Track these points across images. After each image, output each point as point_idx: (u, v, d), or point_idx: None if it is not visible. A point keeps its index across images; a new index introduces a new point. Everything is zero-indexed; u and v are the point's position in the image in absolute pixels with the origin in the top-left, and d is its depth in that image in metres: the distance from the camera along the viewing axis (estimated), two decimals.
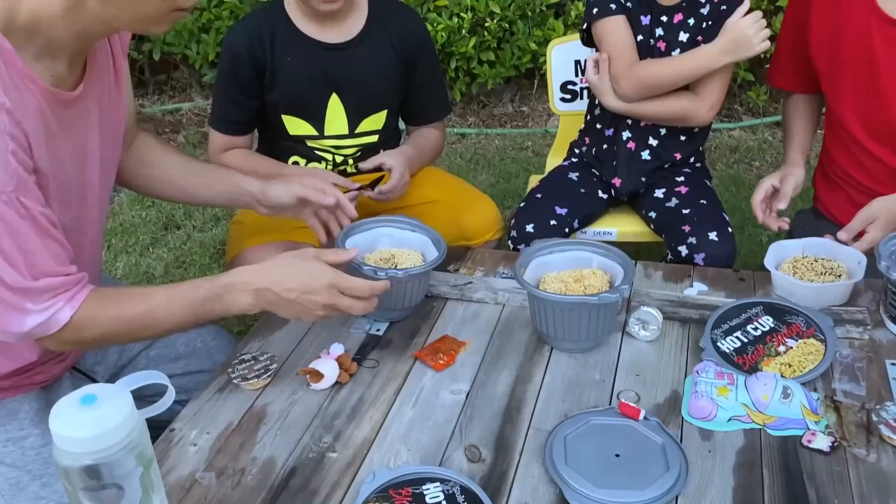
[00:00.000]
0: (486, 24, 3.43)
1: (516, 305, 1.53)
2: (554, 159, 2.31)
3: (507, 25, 3.48)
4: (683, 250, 1.76)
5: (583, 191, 1.95)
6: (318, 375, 1.30)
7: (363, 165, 1.84)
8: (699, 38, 1.82)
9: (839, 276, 1.49)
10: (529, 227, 1.83)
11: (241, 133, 1.90)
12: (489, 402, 1.28)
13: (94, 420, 0.82)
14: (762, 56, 3.53)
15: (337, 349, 1.35)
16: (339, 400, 1.30)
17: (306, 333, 1.47)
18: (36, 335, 1.17)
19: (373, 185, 1.78)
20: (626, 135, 1.93)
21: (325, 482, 1.13)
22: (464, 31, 3.42)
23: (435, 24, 3.38)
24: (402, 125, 2.08)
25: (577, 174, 1.99)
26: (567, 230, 1.88)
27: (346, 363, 1.33)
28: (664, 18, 1.84)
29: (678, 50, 1.83)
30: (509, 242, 1.87)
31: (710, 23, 1.81)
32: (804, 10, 1.72)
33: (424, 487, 1.09)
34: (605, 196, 2.00)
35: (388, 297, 1.44)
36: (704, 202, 1.87)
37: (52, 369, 1.38)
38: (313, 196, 1.52)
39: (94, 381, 1.50)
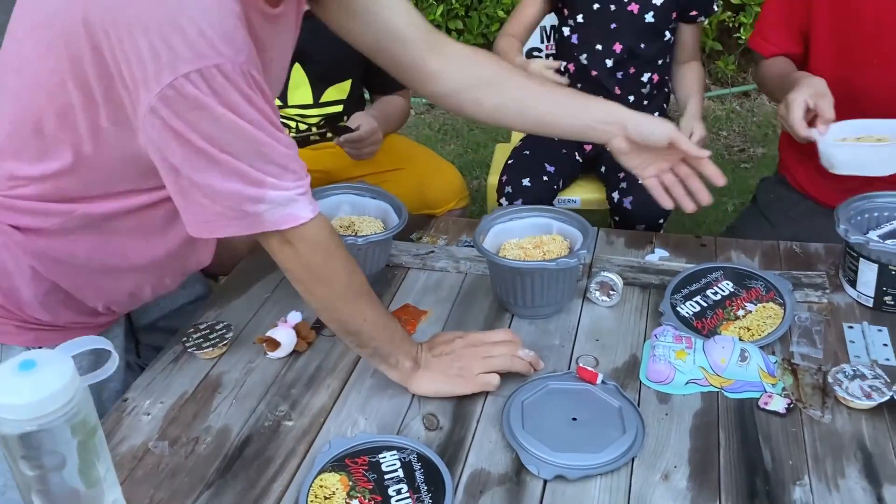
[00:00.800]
0: None
1: (478, 274, 1.52)
2: None
3: None
4: (615, 196, 1.77)
5: (563, 151, 1.95)
6: (274, 344, 1.28)
7: (341, 126, 1.79)
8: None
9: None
10: (526, 182, 1.83)
11: None
12: None
13: (32, 386, 0.80)
14: (730, 25, 3.53)
15: (294, 317, 1.33)
16: (296, 369, 1.28)
17: (264, 302, 1.45)
18: (265, 223, 1.02)
19: (338, 131, 1.75)
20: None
21: (281, 450, 1.12)
22: None
23: None
24: (367, 95, 2.05)
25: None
26: (555, 188, 1.89)
27: (304, 331, 1.31)
28: None
29: (651, 12, 1.81)
30: (502, 200, 1.85)
31: None
32: None
33: (381, 456, 1.08)
34: (580, 160, 1.99)
35: None
36: None
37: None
38: (685, 144, 1.25)
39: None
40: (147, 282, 1.29)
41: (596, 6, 1.83)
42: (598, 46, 1.86)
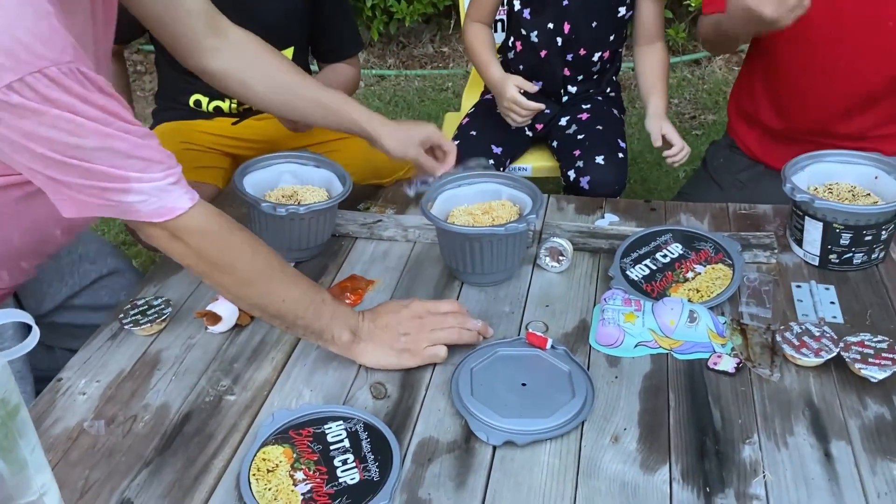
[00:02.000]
0: None
1: (427, 242, 1.49)
2: (469, 95, 2.25)
3: None
4: (572, 174, 1.73)
5: (513, 127, 1.89)
6: (215, 318, 1.23)
7: None
8: None
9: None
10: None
11: (117, 41, 1.81)
12: None
13: None
14: None
15: None
16: (239, 343, 1.24)
17: None
18: (140, 213, 1.00)
19: None
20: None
21: (222, 426, 1.08)
22: None
23: None
24: (315, 67, 1.99)
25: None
26: (502, 169, 1.84)
27: None
28: None
29: None
30: None
31: None
32: None
33: (326, 427, 1.05)
34: (529, 133, 1.95)
35: (291, 236, 1.38)
36: (601, 128, 1.82)
37: None
38: (424, 160, 1.46)
39: None
40: (2, 266, 1.24)
41: None
42: (550, 25, 1.81)
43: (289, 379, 1.17)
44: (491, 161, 1.80)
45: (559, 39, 1.80)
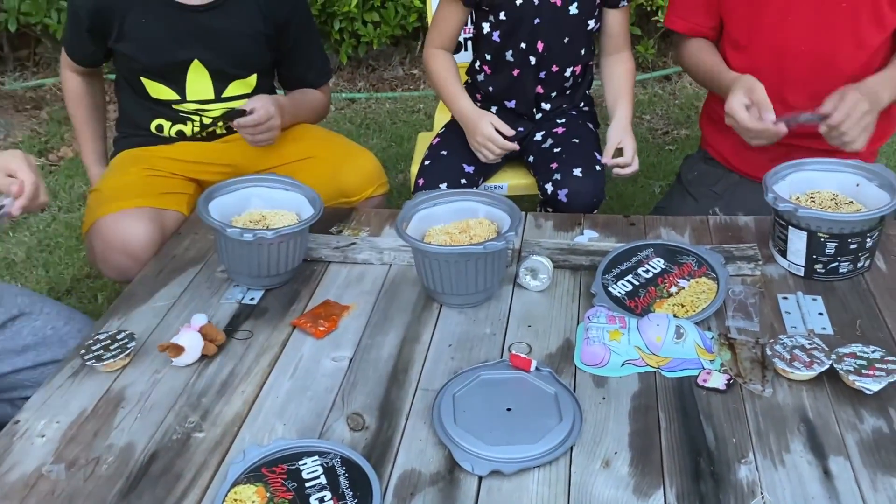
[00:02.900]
0: None
1: (404, 264, 1.44)
2: (441, 115, 2.22)
3: None
4: (549, 188, 1.70)
5: (482, 161, 1.84)
6: (177, 349, 1.17)
7: (235, 110, 1.68)
8: None
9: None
10: (443, 187, 1.72)
11: (87, 65, 1.80)
12: (374, 367, 1.19)
13: None
14: (648, 8, 3.53)
15: (199, 320, 1.22)
16: (207, 376, 1.18)
17: (171, 307, 1.34)
18: None
19: (231, 115, 1.64)
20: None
21: (191, 465, 1.02)
22: None
23: None
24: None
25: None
26: (475, 188, 1.79)
27: (212, 333, 1.21)
28: None
29: (575, 3, 1.72)
30: None
31: None
32: None
33: (301, 462, 0.99)
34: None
35: (260, 262, 1.32)
36: (577, 141, 1.79)
37: None
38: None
39: None
40: None
41: (519, 1, 1.73)
42: (523, 45, 1.77)
43: (260, 413, 1.11)
44: (464, 181, 1.76)
45: (532, 58, 1.77)
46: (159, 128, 1.76)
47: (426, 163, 1.81)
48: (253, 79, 1.75)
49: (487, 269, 1.27)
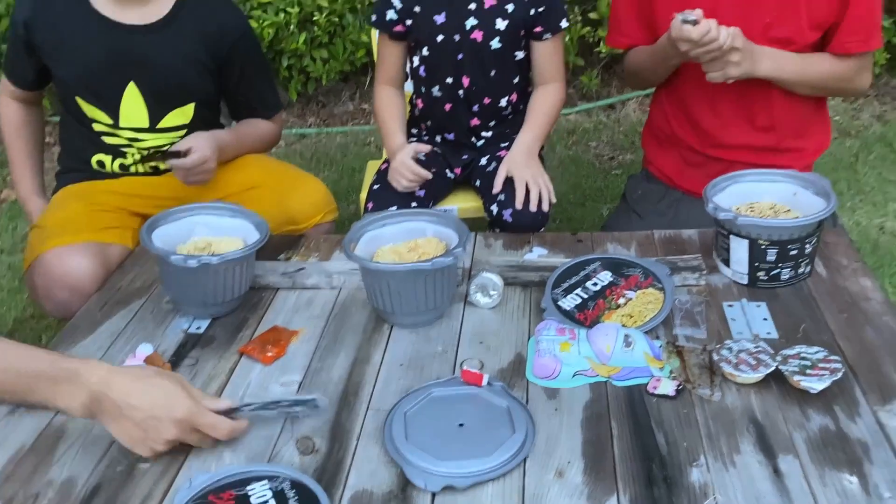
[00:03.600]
0: (315, 19, 3.31)
1: (354, 287, 1.43)
2: None
3: (336, 19, 3.37)
4: (495, 209, 1.70)
5: (433, 170, 1.85)
6: None
7: (170, 151, 1.66)
8: (524, 29, 1.75)
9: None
10: (393, 210, 1.71)
11: (26, 87, 1.79)
12: (324, 390, 1.18)
13: None
14: (590, 40, 3.62)
15: (144, 349, 1.20)
16: None
17: (115, 339, 1.31)
18: None
19: (167, 155, 1.63)
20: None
21: (135, 496, 0.99)
22: (292, 26, 3.29)
23: (261, 21, 3.23)
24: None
25: (423, 154, 1.88)
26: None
27: (157, 363, 1.18)
28: (472, 6, 1.72)
29: (497, 38, 1.74)
30: None
31: (539, 9, 1.72)
32: None
33: (249, 488, 0.97)
34: (451, 176, 1.92)
35: (206, 289, 1.30)
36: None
37: None
38: None
39: None
40: None
41: (440, 38, 1.74)
42: (449, 80, 1.78)
43: None
44: (414, 204, 1.76)
45: (461, 92, 1.78)
46: (100, 163, 1.73)
47: (374, 187, 1.80)
48: (190, 108, 1.73)
49: (437, 286, 1.27)
